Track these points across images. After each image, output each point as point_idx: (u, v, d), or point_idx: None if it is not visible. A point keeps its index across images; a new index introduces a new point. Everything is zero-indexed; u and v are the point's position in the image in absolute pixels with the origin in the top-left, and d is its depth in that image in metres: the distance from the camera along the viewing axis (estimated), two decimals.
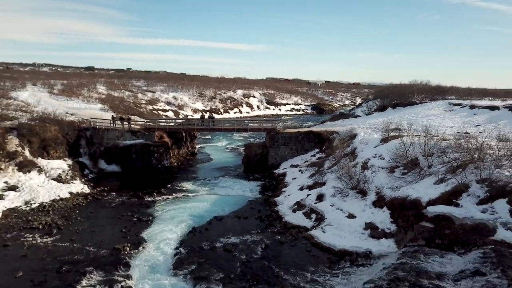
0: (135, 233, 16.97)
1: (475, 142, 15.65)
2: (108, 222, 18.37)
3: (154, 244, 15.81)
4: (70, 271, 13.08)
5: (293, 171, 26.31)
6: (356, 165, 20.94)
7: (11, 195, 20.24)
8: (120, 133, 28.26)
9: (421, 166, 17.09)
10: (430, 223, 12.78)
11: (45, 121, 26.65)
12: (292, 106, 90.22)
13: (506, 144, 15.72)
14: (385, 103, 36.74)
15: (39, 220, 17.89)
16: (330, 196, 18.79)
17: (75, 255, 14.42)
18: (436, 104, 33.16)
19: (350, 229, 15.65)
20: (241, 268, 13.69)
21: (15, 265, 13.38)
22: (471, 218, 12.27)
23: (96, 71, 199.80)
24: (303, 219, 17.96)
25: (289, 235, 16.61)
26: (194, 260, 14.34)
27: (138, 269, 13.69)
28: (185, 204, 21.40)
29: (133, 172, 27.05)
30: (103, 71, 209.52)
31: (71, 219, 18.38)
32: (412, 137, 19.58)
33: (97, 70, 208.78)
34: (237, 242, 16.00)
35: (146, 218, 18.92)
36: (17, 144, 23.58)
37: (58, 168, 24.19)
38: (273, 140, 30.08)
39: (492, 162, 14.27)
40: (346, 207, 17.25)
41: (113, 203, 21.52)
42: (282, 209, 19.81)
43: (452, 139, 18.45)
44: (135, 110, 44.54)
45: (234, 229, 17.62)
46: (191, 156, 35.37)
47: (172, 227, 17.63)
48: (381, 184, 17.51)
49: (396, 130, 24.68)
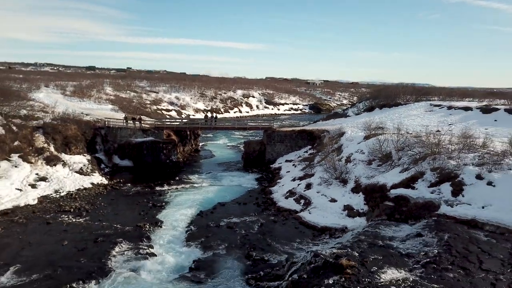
0: (152, 215, 20.30)
1: (434, 139, 18.97)
2: (128, 207, 21.71)
3: (168, 223, 19.16)
4: (104, 241, 16.42)
5: (287, 165, 29.62)
6: (341, 159, 24.27)
7: (43, 185, 23.57)
8: (132, 131, 31.57)
9: (393, 159, 20.43)
10: (392, 202, 16.12)
11: (65, 121, 29.99)
12: (291, 105, 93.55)
13: (461, 140, 19.03)
14: (373, 104, 40.10)
15: (69, 205, 21.21)
16: (317, 185, 22.14)
17: (105, 230, 17.76)
18: (419, 105, 36.51)
19: (332, 210, 19.00)
20: (241, 240, 17.05)
21: (59, 236, 16.72)
22: (422, 197, 15.61)
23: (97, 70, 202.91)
24: (294, 204, 21.31)
25: (281, 216, 19.97)
26: (203, 234, 17.67)
27: (158, 241, 17.03)
28: (192, 193, 24.76)
29: (144, 166, 30.33)
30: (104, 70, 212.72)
31: (96, 205, 21.69)
32: (391, 135, 22.92)
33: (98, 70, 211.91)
34: (238, 221, 19.35)
35: (160, 204, 22.26)
36: (44, 141, 26.94)
37: (80, 163, 27.52)
38: (270, 138, 33.38)
39: (445, 154, 17.59)
40: (330, 193, 20.60)
41: (130, 192, 24.86)
42: (276, 196, 23.16)
43: (423, 136, 21.76)
44: (142, 110, 47.78)
45: (235, 212, 20.97)
46: (195, 152, 38.69)
47: (182, 210, 20.98)
48: (360, 174, 20.84)
49: (379, 129, 27.99)
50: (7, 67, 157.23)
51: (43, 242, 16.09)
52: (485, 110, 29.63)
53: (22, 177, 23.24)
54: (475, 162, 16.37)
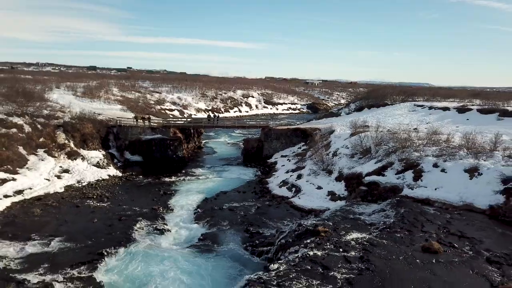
0: (164, 201, 23.75)
1: (405, 135, 22.42)
2: (142, 195, 25.15)
3: (179, 207, 22.62)
4: (127, 219, 19.87)
5: (282, 160, 33.07)
6: (329, 153, 27.73)
7: (66, 176, 27.01)
8: (142, 129, 34.99)
9: (371, 153, 23.87)
10: (365, 187, 19.57)
11: (82, 120, 33.39)
12: (289, 105, 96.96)
13: (427, 135, 22.48)
14: (362, 105, 43.52)
15: (92, 192, 24.65)
16: (307, 175, 25.60)
17: (126, 212, 21.21)
18: (404, 105, 39.94)
19: (318, 196, 22.44)
20: (241, 219, 20.50)
21: (89, 216, 20.18)
22: (390, 182, 19.05)
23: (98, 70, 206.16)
24: (286, 191, 24.77)
25: (275, 201, 23.43)
26: (208, 215, 21.12)
27: (171, 220, 20.48)
28: (197, 183, 28.23)
29: (153, 161, 33.73)
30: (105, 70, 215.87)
31: (114, 193, 25.12)
32: (372, 132, 26.34)
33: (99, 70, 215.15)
34: (238, 205, 22.81)
35: (169, 192, 25.72)
36: (64, 138, 30.37)
37: (96, 157, 30.95)
38: (267, 135, 36.83)
39: (413, 148, 21.03)
40: (317, 182, 24.06)
41: (142, 183, 28.32)
42: (272, 186, 26.62)
43: (399, 133, 25.18)
44: (147, 110, 51.16)
45: (236, 198, 24.42)
46: (198, 149, 42.14)
47: (190, 197, 24.45)
48: (343, 165, 24.28)
49: (365, 127, 31.40)
50: (10, 67, 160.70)
51: (76, 220, 19.54)
52: (460, 110, 33.07)
53: (49, 169, 26.69)
54: (435, 153, 19.81)
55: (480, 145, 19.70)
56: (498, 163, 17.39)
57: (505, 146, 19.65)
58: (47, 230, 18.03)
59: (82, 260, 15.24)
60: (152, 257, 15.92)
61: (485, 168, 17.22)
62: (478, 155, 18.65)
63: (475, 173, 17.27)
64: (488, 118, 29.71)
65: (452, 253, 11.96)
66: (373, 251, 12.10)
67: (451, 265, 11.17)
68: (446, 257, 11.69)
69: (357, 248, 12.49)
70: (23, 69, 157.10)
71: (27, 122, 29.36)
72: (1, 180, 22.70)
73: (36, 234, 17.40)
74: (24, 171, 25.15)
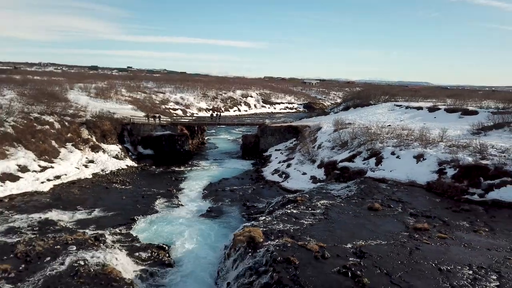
0: (176, 185, 28.96)
1: (375, 130, 27.64)
2: (157, 180, 30.35)
3: (188, 189, 27.84)
4: (148, 197, 25.11)
5: (276, 153, 38.28)
6: (314, 146, 32.96)
7: (92, 165, 32.21)
8: (153, 126, 40.18)
9: (348, 145, 29.10)
10: (339, 171, 24.80)
11: (101, 118, 38.55)
12: (286, 104, 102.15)
13: (394, 130, 27.70)
14: (349, 104, 48.74)
15: (115, 179, 29.84)
16: (295, 164, 30.84)
17: (146, 192, 26.43)
18: (385, 105, 45.14)
19: (302, 180, 27.66)
20: (239, 197, 25.73)
21: (118, 195, 25.40)
22: (357, 167, 24.27)
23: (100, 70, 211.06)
24: (277, 177, 30.00)
25: (268, 185, 28.66)
26: (213, 195, 26.34)
27: (183, 198, 25.70)
28: (203, 172, 33.46)
29: (163, 154, 38.89)
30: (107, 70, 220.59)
31: (133, 179, 30.32)
32: (352, 128, 31.53)
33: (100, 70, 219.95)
34: (237, 188, 28.04)
35: (180, 178, 30.94)
36: (87, 134, 35.56)
37: (115, 150, 36.14)
38: (263, 132, 42.04)
39: (379, 140, 26.25)
40: (302, 169, 29.30)
41: (155, 171, 33.54)
42: (266, 173, 31.86)
43: (372, 128, 30.39)
44: (154, 109, 56.31)
45: (235, 183, 29.65)
46: (202, 145, 47.37)
47: (197, 182, 29.68)
48: (324, 156, 29.49)
49: (348, 124, 36.56)
50: (13, 67, 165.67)
51: (108, 198, 24.76)
52: (431, 109, 38.28)
53: (77, 160, 31.89)
54: (395, 144, 25.05)
55: (429, 138, 24.96)
56: (439, 151, 22.65)
57: (450, 138, 24.93)
58: (87, 204, 23.24)
59: (120, 223, 20.45)
60: (171, 222, 21.17)
61: (428, 155, 22.48)
62: (427, 145, 23.91)
63: (421, 158, 22.53)
64: (452, 116, 34.91)
65: (387, 210, 17.20)
66: (332, 210, 17.36)
67: (384, 217, 16.41)
68: (383, 212, 16.94)
69: (322, 208, 17.73)
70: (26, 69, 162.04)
71: (56, 120, 34.51)
72: (43, 167, 27.92)
73: (80, 206, 22.62)
74: (58, 161, 30.36)
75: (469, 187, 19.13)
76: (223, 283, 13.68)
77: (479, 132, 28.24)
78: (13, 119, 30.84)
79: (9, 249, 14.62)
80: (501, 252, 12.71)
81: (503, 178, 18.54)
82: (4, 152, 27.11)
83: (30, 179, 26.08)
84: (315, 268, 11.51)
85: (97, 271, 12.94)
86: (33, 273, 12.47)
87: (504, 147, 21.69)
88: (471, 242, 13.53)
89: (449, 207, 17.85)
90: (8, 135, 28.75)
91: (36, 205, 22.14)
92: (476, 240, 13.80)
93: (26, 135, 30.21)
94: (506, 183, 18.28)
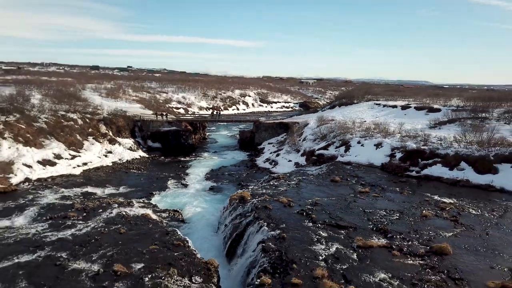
0: (183, 171, 35.16)
1: (349, 125, 33.84)
2: (167, 168, 36.54)
3: (193, 174, 34.06)
4: (161, 179, 31.32)
5: (268, 146, 44.48)
6: (300, 139, 39.17)
7: (111, 156, 38.39)
8: (161, 123, 46.37)
9: (326, 137, 35.30)
10: (316, 157, 31.01)
11: (116, 115, 44.74)
12: (282, 104, 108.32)
13: (361, 124, 33.90)
14: (335, 103, 54.92)
15: (131, 166, 36.02)
16: (283, 154, 37.06)
17: (159, 175, 32.62)
18: (366, 104, 51.32)
19: (288, 166, 33.84)
20: (235, 179, 31.95)
21: (137, 178, 31.59)
22: (330, 154, 30.46)
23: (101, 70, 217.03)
24: (268, 165, 36.21)
25: (259, 171, 34.86)
26: (214, 177, 32.54)
27: (190, 180, 31.91)
28: (205, 161, 39.68)
29: (170, 147, 45.06)
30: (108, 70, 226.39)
31: (146, 166, 36.51)
32: (331, 123, 37.69)
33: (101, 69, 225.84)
34: (234, 173, 34.26)
35: (186, 166, 37.15)
36: (105, 129, 41.75)
37: (128, 143, 42.34)
38: (257, 128, 48.21)
39: (350, 133, 32.43)
40: (288, 158, 35.50)
41: (164, 161, 39.75)
42: (258, 162, 38.06)
43: (347, 123, 36.55)
44: (159, 108, 62.48)
45: (233, 169, 35.87)
46: (203, 140, 53.57)
47: (200, 169, 35.89)
48: (307, 146, 35.69)
49: (330, 121, 42.73)
50: (17, 67, 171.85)
51: (129, 179, 30.94)
52: (403, 107, 44.47)
53: (98, 151, 38.07)
54: (361, 135, 31.24)
55: (389, 131, 31.18)
56: (394, 140, 28.86)
57: (407, 130, 31.15)
58: (114, 183, 29.44)
59: (141, 196, 26.62)
60: (182, 195, 27.39)
61: (385, 143, 28.69)
62: (386, 136, 30.12)
63: (380, 146, 28.74)
64: (419, 113, 41.08)
65: (344, 182, 23.41)
66: (303, 182, 23.58)
67: (340, 186, 22.61)
68: (341, 183, 23.14)
69: (296, 181, 23.94)
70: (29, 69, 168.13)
71: (79, 117, 40.71)
72: (72, 155, 34.13)
73: (108, 184, 28.82)
74: (83, 151, 36.57)
75: (410, 166, 25.36)
76: (222, 226, 19.91)
77: (435, 126, 34.44)
78: (45, 116, 37.06)
79: (69, 206, 20.81)
80: (410, 204, 18.93)
81: (435, 159, 24.76)
82: (41, 143, 33.32)
83: (64, 165, 32.30)
84: (283, 211, 17.72)
85: (135, 215, 19.13)
86: (93, 218, 18.61)
87: (443, 136, 27.91)
88: (394, 199, 19.75)
89: (392, 180, 24.06)
90: (43, 129, 34.96)
91: (73, 183, 28.32)
92: (398, 198, 20.03)
93: (56, 129, 36.42)
94: (436, 162, 24.50)
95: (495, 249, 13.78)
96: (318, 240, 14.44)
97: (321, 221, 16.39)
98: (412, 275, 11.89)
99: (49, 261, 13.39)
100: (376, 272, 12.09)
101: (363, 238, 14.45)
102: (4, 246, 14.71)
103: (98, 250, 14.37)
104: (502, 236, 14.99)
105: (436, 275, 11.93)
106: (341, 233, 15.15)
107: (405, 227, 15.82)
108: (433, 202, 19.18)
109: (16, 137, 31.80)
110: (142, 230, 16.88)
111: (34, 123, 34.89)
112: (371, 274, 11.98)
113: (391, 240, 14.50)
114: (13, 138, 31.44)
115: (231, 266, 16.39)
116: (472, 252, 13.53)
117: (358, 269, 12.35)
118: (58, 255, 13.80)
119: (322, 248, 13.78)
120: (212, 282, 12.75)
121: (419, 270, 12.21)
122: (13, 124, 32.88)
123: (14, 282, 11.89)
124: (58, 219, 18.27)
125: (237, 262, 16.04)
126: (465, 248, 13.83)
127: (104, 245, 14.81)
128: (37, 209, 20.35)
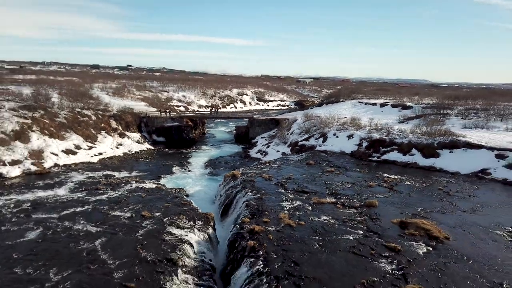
0: (185, 160, 41.05)
1: (328, 120, 39.72)
2: (171, 158, 42.41)
3: (194, 162, 39.95)
4: (167, 166, 37.21)
5: (261, 140, 50.35)
6: (288, 133, 45.04)
7: (121, 147, 44.25)
8: (164, 119, 52.20)
9: (310, 131, 41.16)
10: (298, 147, 36.89)
11: (124, 112, 50.57)
12: (279, 102, 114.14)
13: (339, 119, 39.79)
14: (323, 101, 60.76)
15: (140, 156, 41.90)
16: (272, 145, 42.97)
17: (165, 163, 38.50)
18: (350, 102, 57.17)
19: (275, 155, 39.68)
20: (230, 166, 37.83)
21: (147, 164, 37.47)
22: (311, 144, 36.33)
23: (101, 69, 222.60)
24: (259, 155, 42.11)
25: (252, 160, 40.75)
26: (212, 165, 38.43)
27: (192, 167, 37.80)
28: (204, 153, 45.59)
29: (173, 141, 50.92)
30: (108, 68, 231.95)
31: (153, 156, 42.39)
32: (315, 118, 43.56)
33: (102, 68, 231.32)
34: (229, 161, 40.17)
35: (187, 156, 43.04)
36: (115, 124, 47.61)
37: (136, 137, 48.21)
38: (252, 123, 54.07)
39: (328, 126, 38.28)
40: (277, 148, 41.40)
41: (168, 152, 45.64)
42: (251, 153, 43.96)
43: (328, 118, 42.39)
44: (162, 106, 68.23)
45: (229, 159, 41.77)
46: (202, 135, 59.45)
47: (200, 159, 41.80)
48: (293, 139, 41.54)
49: (316, 117, 48.57)
50: (19, 66, 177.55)
51: (139, 166, 36.80)
52: (382, 105, 50.32)
53: (110, 143, 43.93)
54: (338, 128, 37.11)
55: (361, 124, 37.07)
56: (363, 132, 34.73)
57: (378, 124, 37.03)
58: (127, 168, 35.31)
59: (151, 178, 32.45)
60: (185, 178, 33.27)
61: (356, 135, 34.57)
62: (358, 129, 36.01)
63: (351, 137, 34.61)
64: (394, 110, 46.94)
65: (317, 165, 29.28)
66: (283, 165, 29.46)
67: (312, 167, 28.46)
68: (314, 166, 29.00)
69: (278, 164, 29.79)
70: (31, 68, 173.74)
71: (92, 114, 46.56)
72: (89, 146, 40.00)
73: (122, 169, 34.68)
74: (97, 143, 42.43)
75: (373, 152, 31.24)
76: (218, 196, 25.82)
77: (404, 121, 40.32)
78: (64, 113, 42.92)
79: (96, 182, 26.67)
80: (363, 179, 24.81)
81: (393, 146, 30.65)
82: (63, 135, 39.19)
83: (83, 154, 38.15)
84: (264, 183, 23.60)
85: (151, 188, 25.02)
86: (117, 189, 24.46)
87: (403, 129, 33.79)
88: (352, 176, 25.65)
89: (356, 163, 29.95)
90: (63, 124, 40.82)
91: (93, 168, 34.18)
92: (355, 175, 25.92)
93: (74, 124, 42.29)
94: (394, 150, 30.39)
95: (410, 203, 19.69)
96: (286, 199, 20.34)
97: (291, 189, 22.28)
98: (345, 218, 17.77)
99: (95, 211, 19.30)
100: (322, 216, 17.97)
101: (318, 198, 20.35)
102: (59, 203, 20.61)
103: (128, 205, 20.27)
104: (419, 197, 20.91)
105: (361, 217, 17.82)
106: (304, 196, 21.04)
107: (352, 192, 21.73)
108: (381, 178, 25.08)
109: (42, 130, 37.65)
110: (157, 196, 22.81)
111: (56, 119, 40.75)
112: (318, 217, 17.85)
113: (338, 199, 20.40)
114: (40, 131, 37.29)
115: (224, 222, 22.28)
116: (393, 206, 19.43)
117: (310, 215, 18.23)
118: (101, 208, 19.72)
119: (287, 204, 19.68)
120: (210, 225, 18.64)
121: (351, 215, 18.11)
122: (39, 119, 38.74)
123: (75, 221, 17.78)
124: (92, 190, 24.16)
125: (228, 219, 21.92)
126: (388, 203, 19.74)
127: (131, 203, 20.72)
128: (72, 184, 26.24)
